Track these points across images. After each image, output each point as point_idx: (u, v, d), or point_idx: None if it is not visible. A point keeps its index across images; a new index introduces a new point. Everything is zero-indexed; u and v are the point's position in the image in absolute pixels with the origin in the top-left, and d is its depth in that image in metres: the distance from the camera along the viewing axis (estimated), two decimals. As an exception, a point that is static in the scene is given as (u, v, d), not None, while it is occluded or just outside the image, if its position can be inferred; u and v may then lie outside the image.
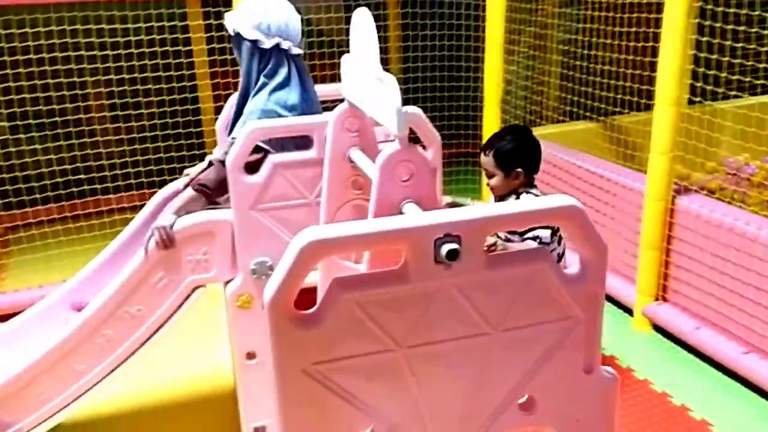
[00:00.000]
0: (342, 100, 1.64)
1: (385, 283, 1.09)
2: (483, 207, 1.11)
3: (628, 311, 2.93)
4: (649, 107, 2.79)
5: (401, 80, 4.00)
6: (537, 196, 2.37)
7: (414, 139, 1.78)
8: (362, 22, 1.45)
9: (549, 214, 1.15)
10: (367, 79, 1.44)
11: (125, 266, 1.89)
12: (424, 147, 1.95)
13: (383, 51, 3.91)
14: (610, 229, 3.05)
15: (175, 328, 1.93)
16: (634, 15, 3.03)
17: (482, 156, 2.35)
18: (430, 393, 1.15)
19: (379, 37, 1.32)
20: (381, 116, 1.38)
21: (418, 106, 3.74)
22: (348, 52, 1.56)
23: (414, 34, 3.93)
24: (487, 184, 2.40)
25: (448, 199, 2.55)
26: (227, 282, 1.93)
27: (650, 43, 2.87)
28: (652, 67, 2.71)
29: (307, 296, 1.19)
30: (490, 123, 3.78)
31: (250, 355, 1.94)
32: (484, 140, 3.77)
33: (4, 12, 3.18)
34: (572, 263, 1.21)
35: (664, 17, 2.53)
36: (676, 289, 2.72)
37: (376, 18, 3.58)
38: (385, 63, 3.94)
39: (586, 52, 3.40)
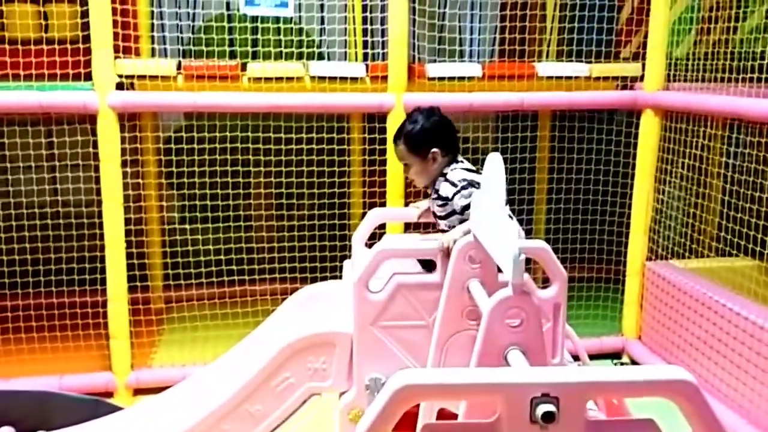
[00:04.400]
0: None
1: (476, 436, 1.08)
2: (585, 370, 1.08)
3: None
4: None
5: (546, 189, 4.01)
6: (467, 170, 2.09)
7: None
8: (494, 166, 1.50)
9: (658, 387, 1.09)
10: (491, 220, 1.48)
11: (252, 365, 2.00)
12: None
13: (530, 161, 3.95)
14: (761, 382, 2.76)
15: (289, 430, 1.99)
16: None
17: (395, 149, 2.16)
18: None
19: (530, 148, 1.35)
20: (499, 258, 1.40)
21: (560, 222, 3.73)
22: None
23: (561, 146, 3.93)
24: (408, 179, 2.21)
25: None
26: (342, 393, 1.98)
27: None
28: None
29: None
30: (636, 251, 3.64)
31: (356, 471, 1.94)
32: (629, 267, 3.67)
33: (199, 117, 3.63)
34: None
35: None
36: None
37: (524, 138, 3.63)
38: (531, 172, 4.01)
39: (746, 192, 3.20)
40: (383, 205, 3.37)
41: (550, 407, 1.04)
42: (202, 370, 2.40)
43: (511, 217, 1.94)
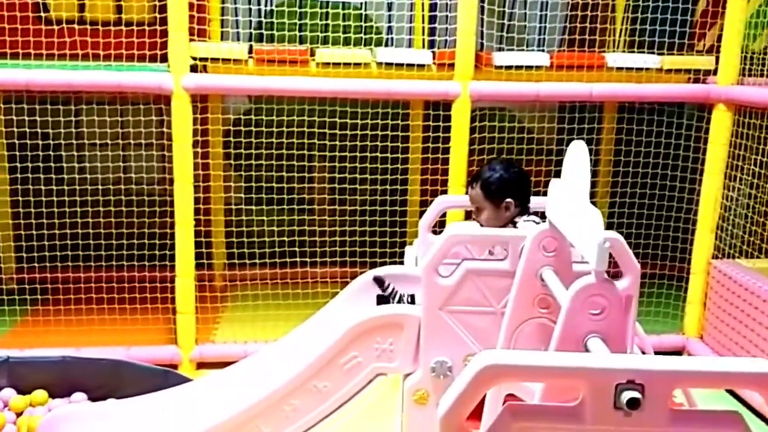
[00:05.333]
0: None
1: (558, 419, 1.09)
2: (672, 359, 1.08)
3: None
4: None
5: (610, 183, 3.95)
6: (537, 223, 2.14)
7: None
8: (578, 154, 1.50)
9: (748, 379, 1.08)
10: (573, 207, 1.48)
11: (320, 343, 2.04)
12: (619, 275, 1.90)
13: (594, 153, 3.88)
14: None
15: (353, 408, 2.04)
16: None
17: (470, 190, 2.22)
18: None
19: (594, 140, 1.38)
20: (581, 245, 1.40)
21: (624, 217, 3.68)
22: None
23: (625, 139, 3.85)
24: (477, 222, 2.25)
25: None
26: (407, 375, 2.01)
27: None
28: None
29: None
30: (702, 248, 3.56)
31: (419, 451, 1.97)
32: (693, 265, 3.59)
33: (264, 100, 3.72)
34: None
35: None
36: None
37: (586, 130, 3.59)
38: (594, 165, 3.95)
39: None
40: (444, 192, 3.38)
41: (636, 394, 1.04)
42: (267, 348, 2.46)
43: None
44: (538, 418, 1.09)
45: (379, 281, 2.28)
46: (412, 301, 2.22)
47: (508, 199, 2.15)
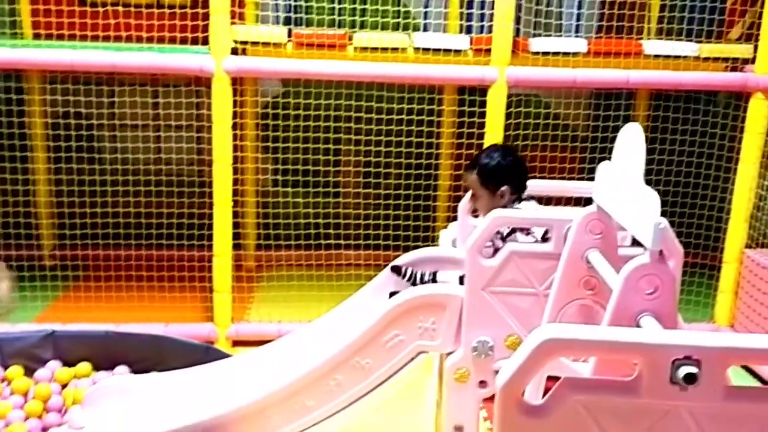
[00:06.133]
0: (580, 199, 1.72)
1: (616, 392, 1.12)
2: (729, 335, 1.10)
3: None
4: None
5: (643, 171, 3.94)
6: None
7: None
8: (633, 137, 1.52)
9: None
10: (626, 190, 1.50)
11: (362, 322, 2.09)
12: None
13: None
14: None
15: (393, 385, 2.09)
16: None
17: (467, 175, 2.26)
18: None
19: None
20: (634, 227, 1.42)
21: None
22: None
23: (657, 126, 3.83)
24: (475, 208, 2.29)
25: None
26: (449, 353, 2.05)
27: None
28: None
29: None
30: (735, 238, 3.55)
31: (458, 429, 2.02)
32: (726, 254, 3.58)
33: (296, 84, 3.76)
34: None
35: None
36: None
37: (619, 118, 3.58)
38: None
39: None
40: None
41: (693, 369, 1.07)
42: (303, 328, 2.51)
43: None
44: (595, 391, 1.13)
45: (397, 270, 2.32)
46: (434, 279, 2.25)
47: (504, 187, 2.19)
